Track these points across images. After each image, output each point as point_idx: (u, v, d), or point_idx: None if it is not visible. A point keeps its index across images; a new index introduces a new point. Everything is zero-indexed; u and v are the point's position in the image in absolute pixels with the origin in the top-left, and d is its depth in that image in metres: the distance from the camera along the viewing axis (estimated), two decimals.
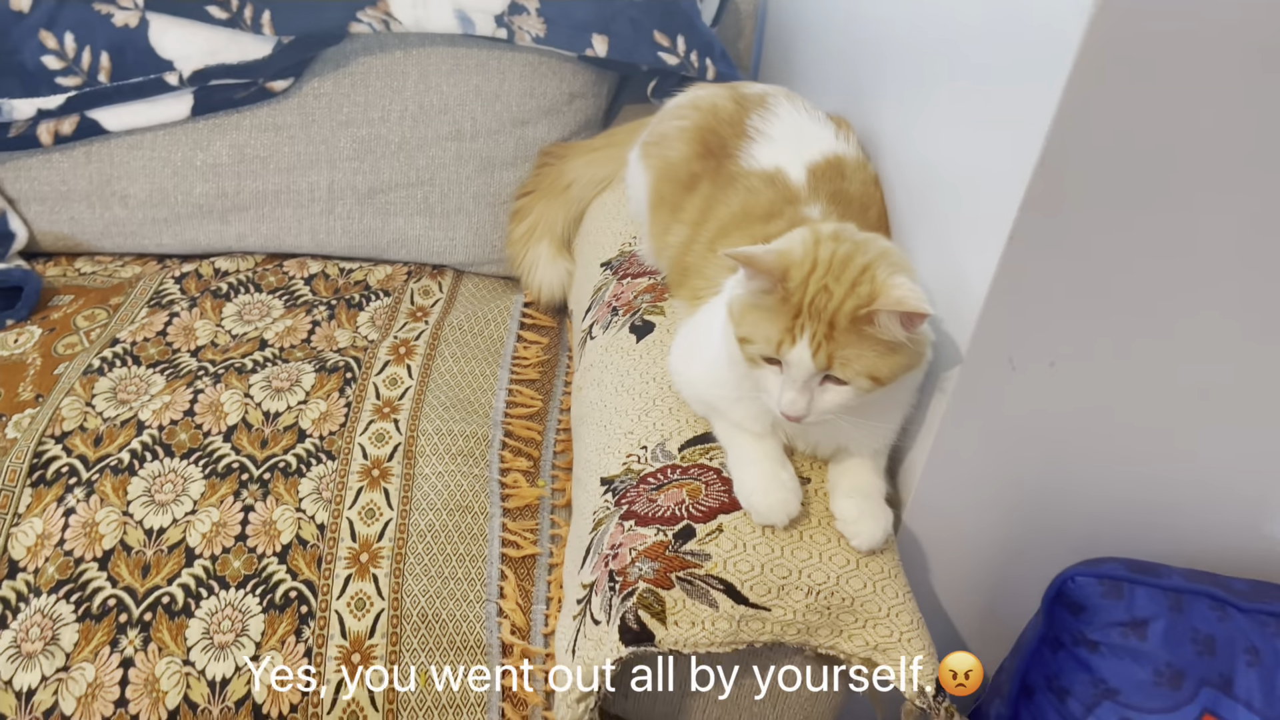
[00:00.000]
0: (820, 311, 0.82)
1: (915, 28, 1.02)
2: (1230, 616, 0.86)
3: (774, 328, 0.83)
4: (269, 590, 1.03)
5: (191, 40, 1.38)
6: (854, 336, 0.82)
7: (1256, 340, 0.84)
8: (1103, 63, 0.68)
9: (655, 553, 0.87)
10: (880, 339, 0.82)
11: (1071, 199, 0.75)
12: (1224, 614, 0.86)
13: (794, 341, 0.82)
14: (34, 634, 0.98)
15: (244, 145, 1.44)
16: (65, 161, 1.43)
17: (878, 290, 0.81)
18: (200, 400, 1.20)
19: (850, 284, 0.82)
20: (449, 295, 1.46)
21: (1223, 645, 0.85)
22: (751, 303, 0.86)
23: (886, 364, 0.82)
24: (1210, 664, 0.84)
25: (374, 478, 1.13)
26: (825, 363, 0.82)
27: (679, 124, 1.14)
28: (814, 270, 0.83)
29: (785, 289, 0.83)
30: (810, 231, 0.87)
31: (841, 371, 0.82)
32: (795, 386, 0.83)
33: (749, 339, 0.85)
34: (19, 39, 1.37)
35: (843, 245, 0.85)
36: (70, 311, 1.36)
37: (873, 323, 0.81)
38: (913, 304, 0.79)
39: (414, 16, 1.37)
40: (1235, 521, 0.95)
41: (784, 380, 0.84)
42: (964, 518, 0.98)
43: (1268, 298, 0.82)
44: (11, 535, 1.05)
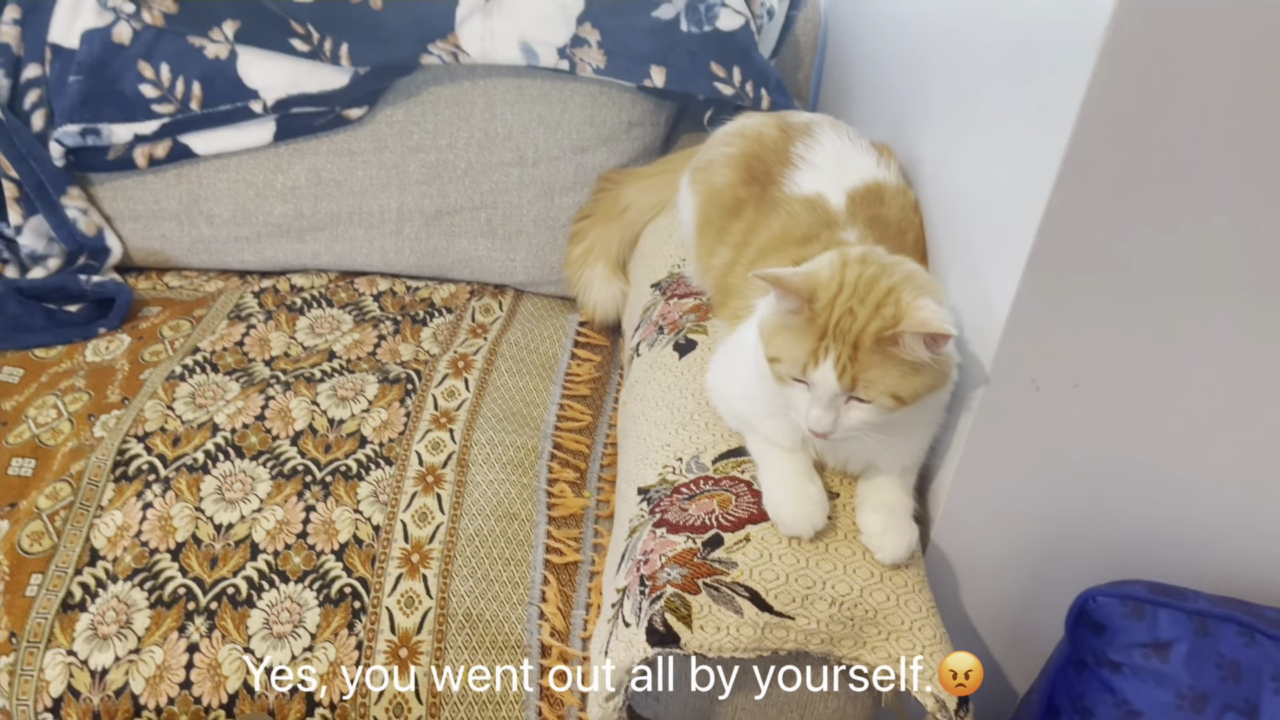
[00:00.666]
0: (845, 333, 0.84)
1: (952, 62, 1.05)
2: (1258, 643, 0.86)
3: (801, 348, 0.86)
4: (325, 585, 1.09)
5: (275, 71, 1.47)
6: (878, 358, 0.84)
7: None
8: (1114, 90, 0.71)
9: (684, 559, 0.91)
10: (904, 360, 0.84)
11: (1090, 220, 0.77)
12: (1251, 640, 0.85)
13: (819, 362, 0.85)
14: (110, 618, 1.06)
15: (321, 169, 1.53)
16: (158, 183, 1.53)
17: (902, 312, 0.84)
18: (271, 406, 1.28)
19: (875, 306, 0.85)
20: (508, 313, 1.52)
21: (1249, 672, 0.85)
22: (780, 323, 0.89)
23: (910, 384, 0.85)
24: (1235, 690, 0.84)
25: (428, 483, 1.19)
26: (850, 383, 0.85)
27: (725, 151, 1.18)
28: (840, 292, 0.86)
29: (812, 310, 0.86)
30: (839, 255, 0.90)
31: (865, 392, 0.85)
32: (821, 405, 0.86)
33: (778, 358, 0.88)
34: (119, 69, 1.48)
35: (869, 268, 0.88)
36: (157, 322, 1.45)
37: (897, 344, 0.83)
38: (935, 325, 0.81)
39: (481, 49, 1.45)
40: (1270, 549, 0.94)
41: (811, 398, 0.87)
42: (992, 536, 0.99)
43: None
44: (94, 526, 1.13)
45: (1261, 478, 0.91)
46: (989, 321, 0.87)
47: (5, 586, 1.08)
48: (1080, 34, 0.72)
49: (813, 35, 1.73)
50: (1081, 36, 0.71)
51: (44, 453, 1.23)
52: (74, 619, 1.06)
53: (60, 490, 1.17)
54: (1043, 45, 0.80)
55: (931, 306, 0.83)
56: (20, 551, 1.11)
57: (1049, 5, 0.79)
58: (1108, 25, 0.68)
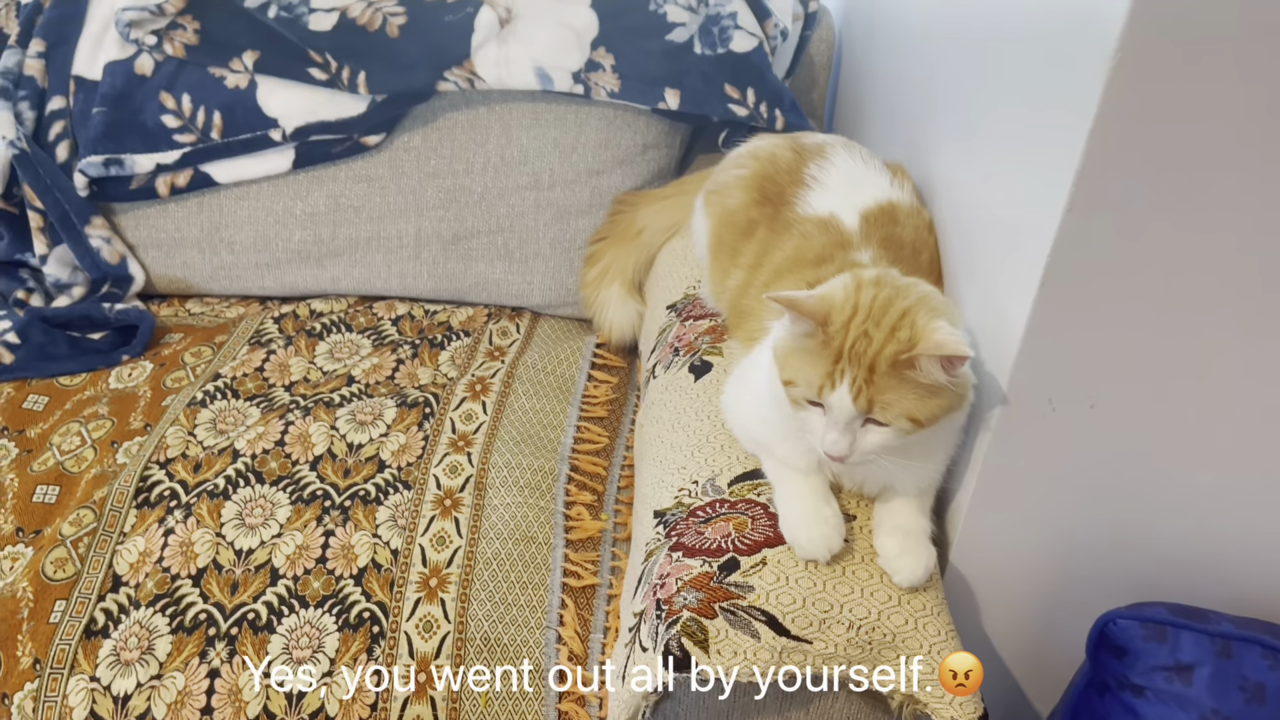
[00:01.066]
0: (860, 356, 0.84)
1: (964, 82, 1.05)
2: None
3: (816, 372, 0.86)
4: (344, 610, 1.10)
5: (294, 100, 1.49)
6: (894, 380, 0.84)
7: None
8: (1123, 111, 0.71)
9: (700, 583, 0.90)
10: (920, 382, 0.84)
11: (1103, 240, 0.77)
12: (1277, 662, 0.84)
13: (835, 385, 0.85)
14: (132, 644, 1.07)
15: (339, 195, 1.54)
16: (180, 211, 1.55)
17: (918, 335, 0.84)
18: (291, 431, 1.29)
19: (890, 329, 0.85)
20: (525, 336, 1.53)
21: (1274, 694, 0.83)
22: (794, 346, 0.89)
23: (926, 407, 0.85)
24: (1260, 713, 0.83)
25: (446, 507, 1.20)
26: (866, 406, 0.84)
27: (738, 173, 1.19)
28: (854, 315, 0.86)
29: (826, 333, 0.86)
30: (853, 277, 0.90)
31: (882, 414, 0.85)
32: (838, 428, 0.86)
33: (793, 382, 0.88)
34: (142, 100, 1.50)
35: (884, 290, 0.88)
36: (179, 348, 1.47)
37: (913, 367, 0.83)
38: (951, 347, 0.81)
39: (497, 75, 1.46)
40: None
41: (827, 422, 0.87)
42: (1011, 558, 0.98)
43: None
44: (117, 552, 1.14)
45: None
46: (1004, 342, 0.87)
47: (30, 613, 1.09)
48: (1089, 54, 0.72)
49: (827, 55, 1.74)
50: (1090, 57, 0.71)
51: (68, 480, 1.24)
52: (97, 645, 1.07)
53: (84, 517, 1.18)
54: (1052, 65, 0.80)
55: (947, 329, 0.83)
56: (45, 578, 1.12)
57: (1056, 26, 0.79)
58: (1116, 45, 0.68)
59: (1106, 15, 0.69)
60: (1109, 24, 0.69)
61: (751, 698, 0.91)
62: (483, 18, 1.47)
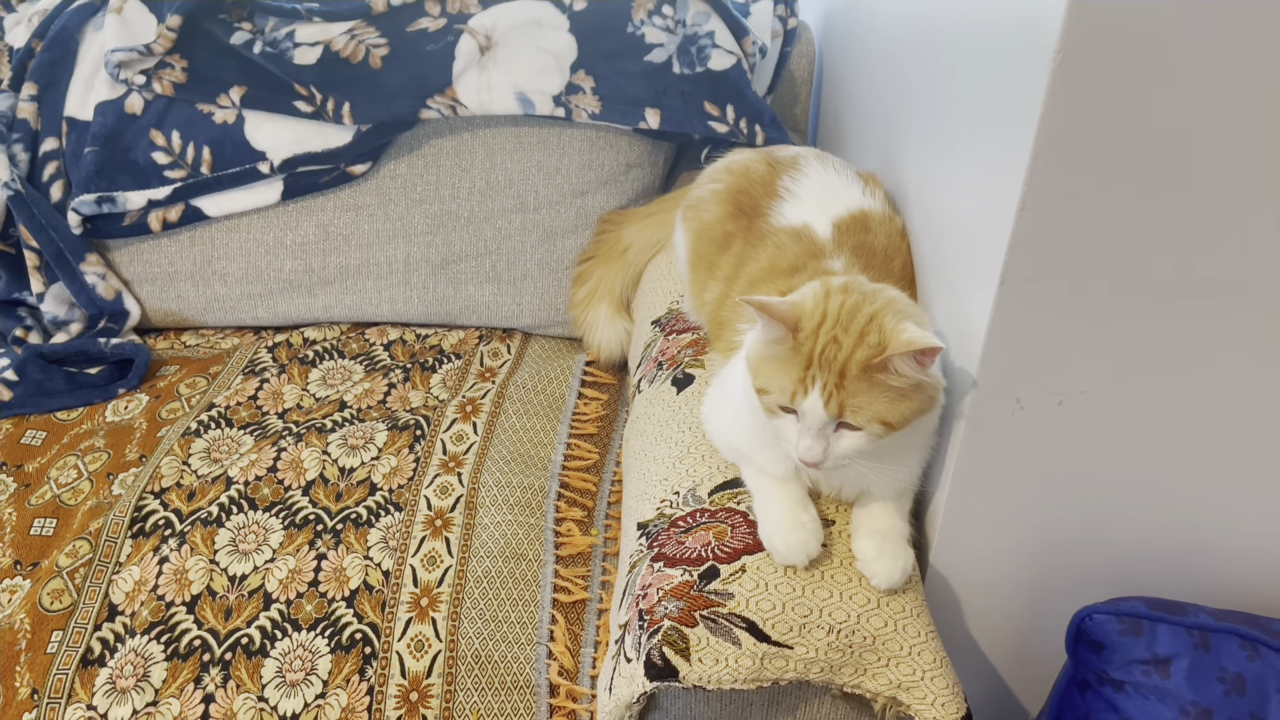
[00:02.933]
0: (830, 362, 0.85)
1: (928, 92, 1.07)
2: (1263, 656, 0.84)
3: (787, 378, 0.87)
4: (337, 632, 1.11)
5: (281, 132, 1.52)
6: (864, 385, 0.85)
7: (1275, 364, 0.84)
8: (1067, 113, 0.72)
9: (680, 592, 0.91)
10: (891, 385, 0.85)
11: (1057, 237, 0.78)
12: (1255, 653, 0.84)
13: (806, 392, 0.86)
14: (128, 671, 1.08)
15: (328, 224, 1.57)
16: (172, 245, 1.58)
17: (886, 338, 0.85)
18: (283, 458, 1.30)
19: (858, 334, 0.86)
20: (516, 356, 1.54)
21: (1254, 685, 0.83)
22: (766, 354, 0.90)
23: (898, 410, 0.86)
24: (1240, 703, 0.83)
25: (436, 527, 1.21)
26: (837, 411, 0.85)
27: (713, 187, 1.20)
28: (823, 321, 0.87)
29: (796, 340, 0.87)
30: (822, 285, 0.92)
31: (853, 418, 0.86)
32: (811, 434, 0.87)
33: (765, 389, 0.89)
34: (132, 138, 1.53)
35: (851, 297, 0.89)
36: (175, 380, 1.49)
37: (885, 370, 0.84)
38: (921, 341, 0.82)
39: (479, 101, 1.48)
40: (1274, 560, 0.93)
41: (800, 428, 0.88)
42: (990, 558, 0.99)
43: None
44: (113, 582, 1.16)
45: (1258, 487, 0.90)
46: (971, 343, 0.88)
47: (27, 644, 1.10)
48: (1032, 57, 0.73)
49: (808, 70, 1.76)
50: (1033, 59, 0.73)
51: (65, 512, 1.26)
52: (94, 674, 1.08)
53: (80, 548, 1.20)
54: (1001, 69, 0.82)
55: (913, 327, 0.84)
56: (41, 609, 1.13)
57: (1003, 31, 0.81)
58: (1055, 47, 0.69)
59: (1046, 18, 0.71)
60: (1048, 26, 0.70)
61: (740, 703, 0.91)
62: (463, 46, 1.49)
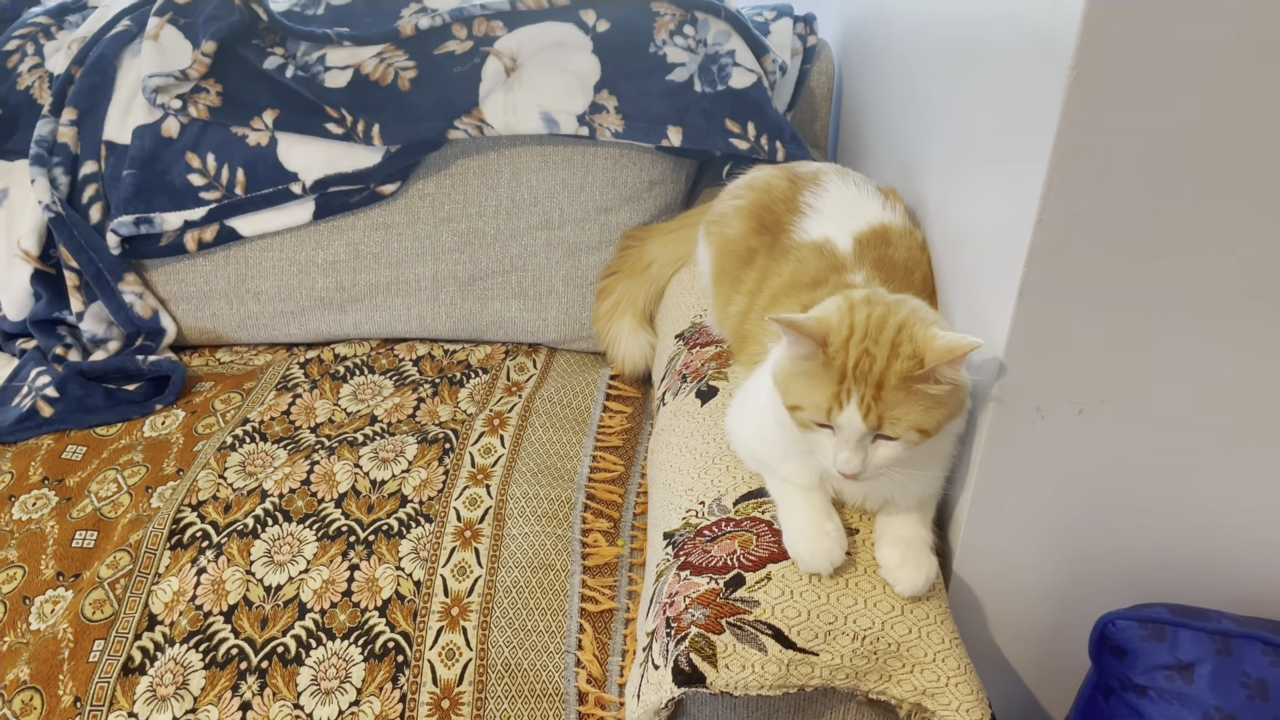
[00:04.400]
0: (866, 375, 0.86)
1: (948, 106, 1.09)
2: None
3: (821, 394, 0.88)
4: (370, 641, 1.13)
5: (313, 154, 1.56)
6: (901, 395, 0.86)
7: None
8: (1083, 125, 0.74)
9: (707, 599, 0.93)
10: (927, 394, 0.86)
11: (1075, 248, 0.79)
12: (1278, 658, 0.85)
13: (843, 406, 0.87)
14: (167, 679, 1.11)
15: (359, 243, 1.60)
16: (207, 265, 1.62)
17: (921, 347, 0.86)
18: (316, 471, 1.33)
19: (890, 345, 0.87)
20: (542, 371, 1.57)
21: (1276, 690, 0.84)
22: (795, 370, 0.91)
23: (933, 417, 0.87)
24: (1264, 709, 0.84)
25: (466, 538, 1.23)
26: (876, 423, 0.87)
27: (736, 203, 1.22)
28: (852, 334, 0.88)
29: (827, 355, 0.88)
30: (844, 298, 0.93)
31: (891, 429, 0.87)
32: (849, 446, 0.88)
33: (799, 406, 0.90)
34: (169, 161, 1.57)
35: (876, 308, 0.91)
36: (210, 396, 1.53)
37: (926, 380, 0.85)
38: (960, 345, 0.83)
39: (505, 121, 1.52)
40: None
41: (838, 441, 0.89)
42: (1013, 565, 1.00)
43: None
44: (152, 592, 1.19)
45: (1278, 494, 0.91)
46: (991, 353, 0.89)
47: (70, 653, 1.14)
48: (1048, 73, 0.75)
49: (827, 87, 1.78)
50: (1049, 75, 0.75)
51: (105, 525, 1.30)
52: (134, 682, 1.11)
53: (120, 560, 1.23)
54: (1018, 85, 0.83)
55: (944, 333, 0.86)
56: (84, 619, 1.16)
57: (1020, 48, 0.83)
58: (1070, 64, 0.71)
59: (1061, 35, 0.72)
60: (1063, 43, 0.72)
61: (766, 709, 0.93)
62: (489, 68, 1.53)
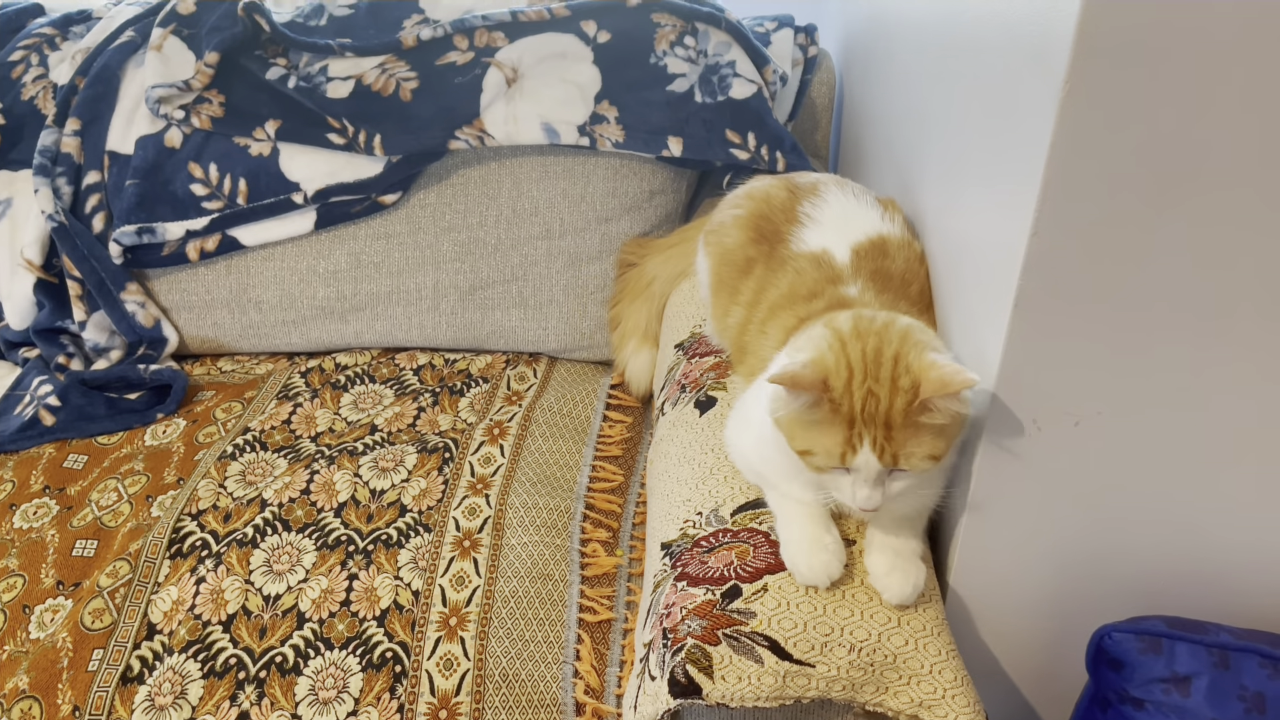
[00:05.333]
0: (873, 416, 0.86)
1: (945, 118, 1.09)
2: None
3: (833, 440, 0.87)
4: (368, 651, 1.13)
5: (314, 164, 1.57)
6: (911, 430, 0.86)
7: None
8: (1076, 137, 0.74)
9: (703, 611, 0.93)
10: (934, 423, 0.86)
11: (1070, 259, 0.79)
12: (1275, 671, 0.85)
13: (857, 450, 0.87)
14: (166, 689, 1.11)
15: (360, 253, 1.61)
16: (209, 274, 1.63)
17: (917, 378, 0.85)
18: (316, 480, 1.34)
19: (890, 381, 0.86)
20: (542, 380, 1.57)
21: (1274, 703, 0.84)
22: (800, 419, 0.89)
23: (942, 442, 0.87)
24: None
25: (465, 548, 1.23)
26: (891, 461, 0.86)
27: (735, 213, 1.23)
28: (851, 375, 0.87)
29: (832, 400, 0.87)
30: (833, 334, 0.91)
31: (906, 464, 0.87)
32: (868, 485, 0.88)
33: (810, 451, 0.89)
34: (172, 171, 1.58)
35: (869, 340, 0.89)
36: (211, 405, 1.53)
37: (926, 410, 0.85)
38: (957, 382, 0.83)
39: (506, 132, 1.52)
40: None
41: (855, 480, 0.89)
42: (1009, 577, 1.00)
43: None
44: (152, 601, 1.19)
45: (1276, 506, 0.91)
46: (987, 365, 0.89)
47: (69, 662, 1.14)
48: (1041, 86, 0.75)
49: (828, 97, 1.78)
50: (1042, 88, 0.75)
51: (105, 533, 1.30)
52: (133, 691, 1.11)
53: (120, 569, 1.23)
54: (1013, 97, 0.83)
55: (941, 362, 0.86)
56: (83, 628, 1.17)
57: (1014, 61, 0.83)
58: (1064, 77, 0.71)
59: (1054, 49, 0.73)
60: (1057, 58, 0.72)
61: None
62: (490, 78, 1.53)
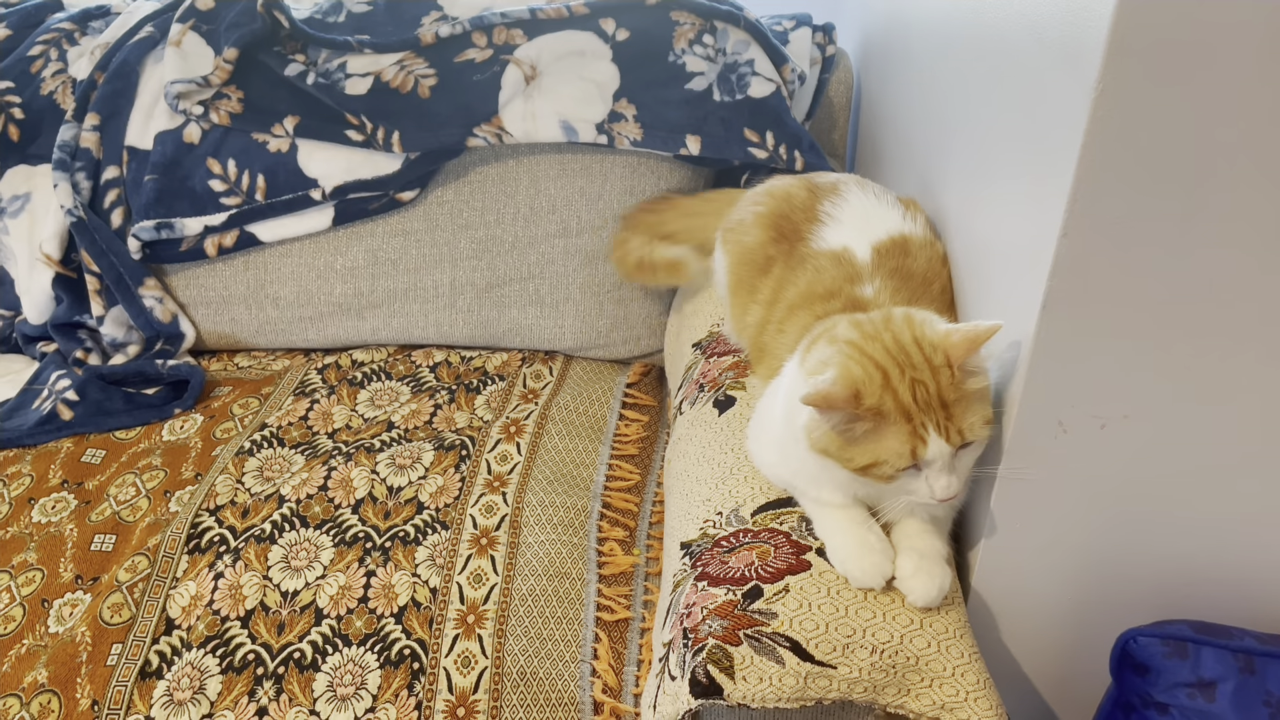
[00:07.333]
0: (929, 402, 0.86)
1: (968, 117, 1.08)
2: None
3: (897, 441, 0.87)
4: (386, 648, 1.13)
5: (333, 160, 1.57)
6: (963, 402, 0.87)
7: None
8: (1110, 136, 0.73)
9: (725, 611, 0.93)
10: (975, 387, 0.87)
11: (1099, 261, 0.79)
12: None
13: (925, 441, 0.87)
14: (184, 684, 1.11)
15: (377, 250, 1.61)
16: (227, 270, 1.63)
17: (945, 349, 0.87)
18: (333, 476, 1.34)
19: (927, 363, 0.87)
20: (558, 378, 1.57)
21: None
22: (844, 437, 0.89)
23: (988, 405, 0.88)
24: None
25: (482, 546, 1.23)
26: (959, 439, 0.87)
27: (755, 210, 1.22)
28: (887, 374, 0.87)
29: (878, 410, 0.87)
30: (845, 345, 0.91)
31: (970, 434, 0.87)
32: (946, 472, 0.88)
33: (875, 463, 0.88)
34: (190, 167, 1.59)
35: (884, 337, 0.90)
36: (228, 400, 1.53)
37: (967, 375, 0.87)
38: (982, 333, 0.86)
39: (524, 129, 1.52)
40: None
41: (930, 472, 0.88)
42: (1033, 580, 0.99)
43: None
44: (170, 596, 1.19)
45: None
46: (1013, 366, 0.89)
47: (88, 656, 1.14)
48: (1073, 86, 0.75)
49: (846, 96, 1.78)
50: (1074, 88, 0.74)
51: (124, 528, 1.30)
52: (151, 686, 1.11)
53: (139, 564, 1.23)
54: (1043, 96, 0.83)
55: (952, 326, 0.89)
56: (101, 623, 1.17)
57: (1044, 61, 0.82)
58: (1097, 76, 0.71)
59: (1087, 51, 0.72)
60: (1089, 59, 0.72)
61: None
62: (509, 75, 1.53)
